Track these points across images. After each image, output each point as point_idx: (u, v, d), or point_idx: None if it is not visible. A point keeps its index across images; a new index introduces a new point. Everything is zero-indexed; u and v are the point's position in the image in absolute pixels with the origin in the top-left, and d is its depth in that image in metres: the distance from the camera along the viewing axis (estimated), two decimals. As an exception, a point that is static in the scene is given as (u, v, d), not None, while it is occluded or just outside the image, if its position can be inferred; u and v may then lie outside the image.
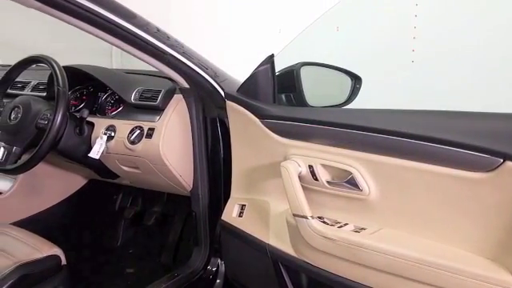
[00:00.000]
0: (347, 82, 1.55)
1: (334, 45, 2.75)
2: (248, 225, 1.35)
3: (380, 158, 1.01)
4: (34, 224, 1.85)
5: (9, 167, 1.58)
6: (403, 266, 0.94)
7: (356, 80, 1.55)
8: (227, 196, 1.46)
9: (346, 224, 1.09)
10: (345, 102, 1.54)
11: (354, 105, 1.54)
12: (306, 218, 1.09)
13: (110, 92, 1.75)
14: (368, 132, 1.03)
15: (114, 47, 1.32)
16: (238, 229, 1.37)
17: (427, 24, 2.53)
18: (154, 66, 1.39)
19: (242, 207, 1.39)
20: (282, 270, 1.25)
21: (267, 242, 1.27)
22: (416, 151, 0.95)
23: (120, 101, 1.69)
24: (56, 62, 1.54)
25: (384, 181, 1.02)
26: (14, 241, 1.41)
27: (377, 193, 1.03)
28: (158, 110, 1.53)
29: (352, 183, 1.06)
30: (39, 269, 1.31)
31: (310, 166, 1.13)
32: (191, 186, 1.61)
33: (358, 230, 1.05)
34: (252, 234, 1.32)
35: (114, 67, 3.19)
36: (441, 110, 1.03)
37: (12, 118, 1.61)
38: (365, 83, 1.57)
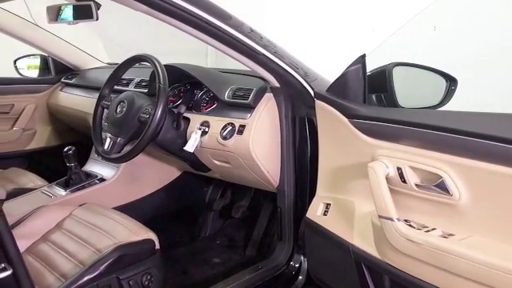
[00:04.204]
0: (441, 83, 1.49)
1: (430, 45, 2.64)
2: (332, 224, 1.35)
3: (473, 162, 0.97)
4: (132, 209, 1.96)
5: (113, 156, 1.72)
6: (492, 276, 0.89)
7: (451, 82, 1.49)
8: (312, 194, 1.48)
9: (433, 229, 1.06)
10: (438, 104, 1.49)
11: (449, 107, 1.48)
12: (391, 220, 1.08)
13: (205, 90, 1.83)
14: (461, 135, 0.99)
15: (210, 47, 1.38)
16: (323, 227, 1.38)
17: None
18: (246, 66, 1.44)
19: (327, 206, 1.40)
20: (365, 271, 1.24)
21: (351, 241, 1.27)
22: (513, 157, 0.91)
23: (214, 98, 1.76)
24: (158, 61, 1.64)
25: (476, 186, 0.98)
26: (115, 223, 1.52)
27: (468, 198, 1.00)
28: (250, 108, 1.58)
29: (442, 187, 1.03)
30: (135, 251, 1.40)
31: (399, 168, 1.11)
32: (278, 182, 1.64)
33: (445, 236, 1.02)
34: (336, 233, 1.32)
35: (209, 66, 3.32)
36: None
37: (118, 111, 1.75)
38: (462, 85, 1.50)
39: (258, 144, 1.55)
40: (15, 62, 2.61)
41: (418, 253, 1.03)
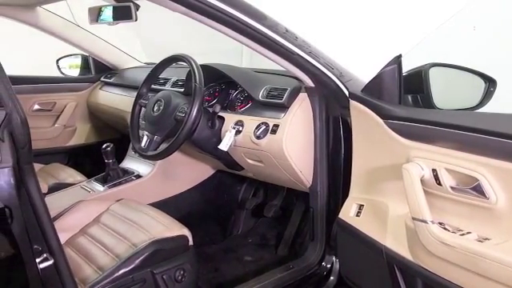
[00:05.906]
0: (480, 84, 1.46)
1: (470, 45, 2.57)
2: (365, 225, 1.35)
3: (511, 165, 0.95)
4: (167, 206, 2.01)
5: (150, 153, 1.76)
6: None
7: (490, 83, 1.45)
8: (345, 195, 1.47)
9: (468, 232, 1.04)
10: (476, 106, 1.45)
11: (487, 109, 1.45)
12: (425, 222, 1.06)
13: (240, 89, 1.85)
14: (498, 137, 0.97)
15: (245, 47, 1.39)
16: (355, 228, 1.37)
17: None
18: (281, 66, 1.45)
19: (360, 207, 1.39)
20: (397, 273, 1.23)
21: (384, 243, 1.26)
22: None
23: (249, 98, 1.78)
24: (194, 61, 1.67)
25: (514, 190, 0.96)
26: (150, 219, 1.56)
27: (505, 202, 0.97)
28: (284, 108, 1.59)
29: (478, 190, 1.01)
30: (169, 246, 1.43)
31: (434, 170, 1.10)
32: (310, 182, 1.64)
33: (481, 240, 1.00)
34: (369, 234, 1.32)
35: (244, 66, 3.34)
36: None
37: (155, 110, 1.79)
38: (503, 87, 1.46)
39: (291, 144, 1.55)
40: (57, 61, 2.69)
41: (452, 256, 1.02)
